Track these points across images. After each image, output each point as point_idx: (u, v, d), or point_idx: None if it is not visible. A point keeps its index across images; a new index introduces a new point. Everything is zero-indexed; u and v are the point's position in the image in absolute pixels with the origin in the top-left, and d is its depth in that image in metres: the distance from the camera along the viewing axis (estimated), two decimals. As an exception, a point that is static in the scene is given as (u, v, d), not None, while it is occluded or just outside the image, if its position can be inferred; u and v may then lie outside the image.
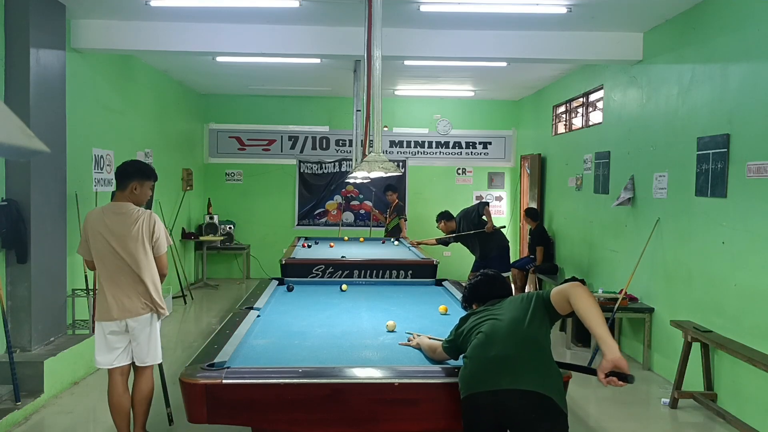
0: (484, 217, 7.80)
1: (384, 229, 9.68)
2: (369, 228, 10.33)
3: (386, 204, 9.84)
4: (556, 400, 2.47)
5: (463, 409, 2.59)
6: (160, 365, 4.14)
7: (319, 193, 10.87)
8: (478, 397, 2.52)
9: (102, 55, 6.46)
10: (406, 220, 9.47)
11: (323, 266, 6.16)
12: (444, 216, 8.11)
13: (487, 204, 8.07)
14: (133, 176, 3.75)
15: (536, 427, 2.45)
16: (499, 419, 2.51)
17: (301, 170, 10.85)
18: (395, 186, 9.72)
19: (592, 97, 7.63)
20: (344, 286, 4.87)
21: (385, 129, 10.31)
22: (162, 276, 3.84)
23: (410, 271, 6.20)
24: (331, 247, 7.91)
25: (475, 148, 10.97)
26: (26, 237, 4.84)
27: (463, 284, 3.42)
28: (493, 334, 2.61)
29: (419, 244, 8.07)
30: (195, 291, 9.36)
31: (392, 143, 10.84)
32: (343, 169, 10.73)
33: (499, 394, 2.47)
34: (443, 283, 5.17)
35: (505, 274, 7.56)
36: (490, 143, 10.98)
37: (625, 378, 2.33)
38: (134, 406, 3.83)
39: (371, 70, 3.67)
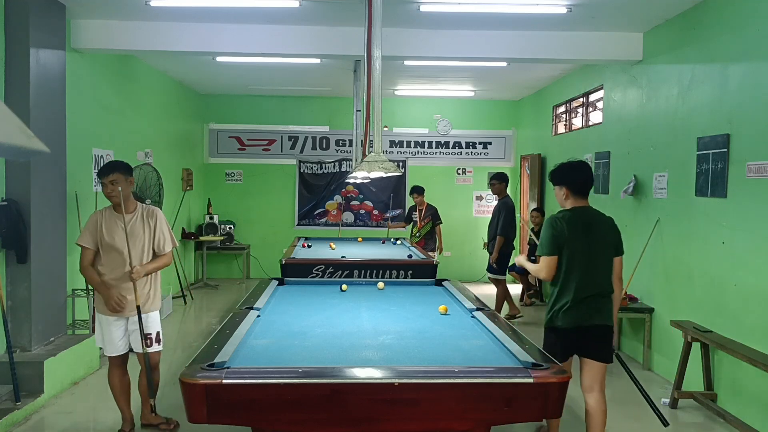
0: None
1: (410, 234, 8.67)
2: (387, 229, 9.60)
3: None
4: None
5: (560, 334, 3.56)
6: (152, 357, 4.08)
7: (319, 193, 10.87)
8: (572, 331, 3.54)
9: (102, 55, 6.46)
10: (441, 224, 8.39)
11: (323, 266, 6.16)
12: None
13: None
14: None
15: (601, 347, 3.59)
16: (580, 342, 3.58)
17: (301, 170, 10.85)
18: (421, 188, 8.54)
19: (592, 97, 7.62)
20: (344, 286, 4.87)
21: (385, 129, 10.29)
22: None
23: (410, 271, 6.19)
24: (331, 248, 7.90)
25: (475, 148, 10.97)
26: (26, 237, 4.84)
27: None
28: (587, 275, 3.51)
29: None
30: (195, 291, 9.36)
31: (392, 143, 10.84)
32: (343, 169, 10.73)
33: (590, 329, 3.54)
34: (443, 283, 5.16)
35: (501, 277, 7.53)
36: (490, 143, 10.98)
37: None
38: None
39: (371, 70, 3.67)
